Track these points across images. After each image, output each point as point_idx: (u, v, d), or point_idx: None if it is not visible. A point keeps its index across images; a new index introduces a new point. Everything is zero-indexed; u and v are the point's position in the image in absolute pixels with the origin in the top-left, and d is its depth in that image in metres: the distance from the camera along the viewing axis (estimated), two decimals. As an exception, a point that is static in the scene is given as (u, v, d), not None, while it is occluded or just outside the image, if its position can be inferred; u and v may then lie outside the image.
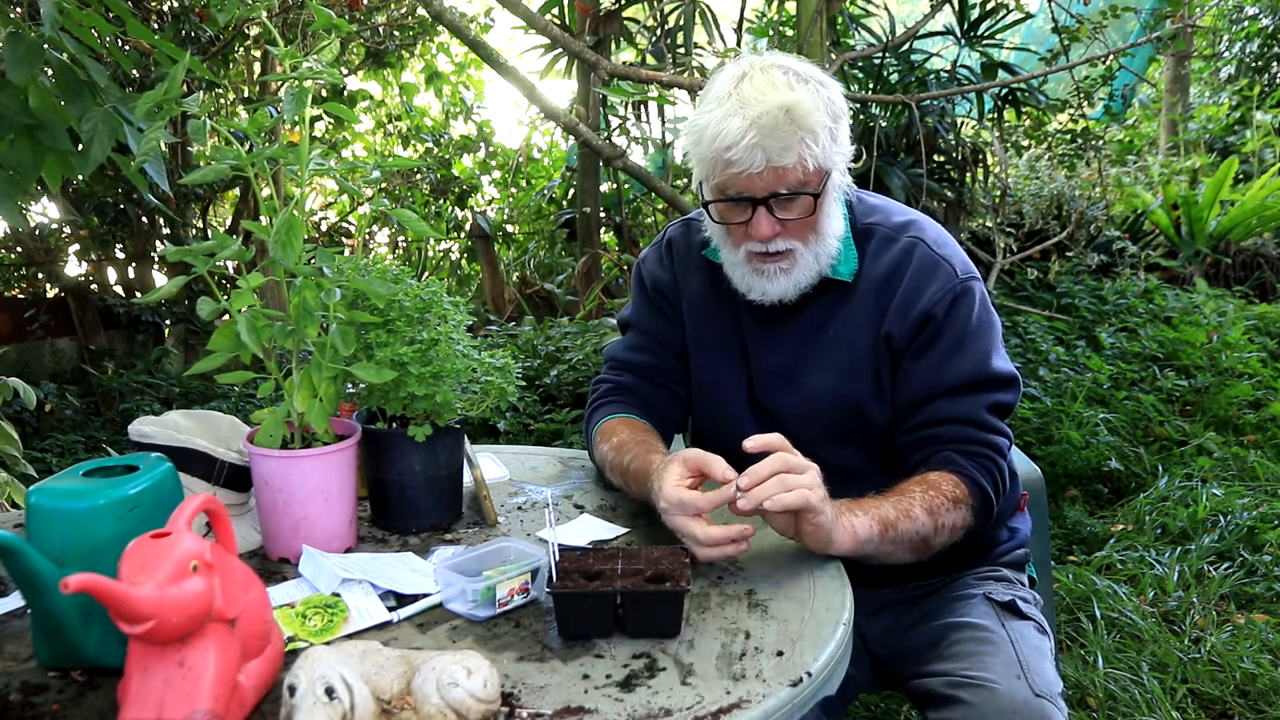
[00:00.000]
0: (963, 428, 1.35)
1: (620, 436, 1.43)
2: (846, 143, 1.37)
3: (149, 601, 0.76)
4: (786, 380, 1.45)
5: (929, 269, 1.39)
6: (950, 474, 1.32)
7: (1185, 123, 8.98)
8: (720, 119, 1.29)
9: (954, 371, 1.37)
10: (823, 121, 1.30)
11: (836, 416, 1.43)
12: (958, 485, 1.31)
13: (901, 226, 1.44)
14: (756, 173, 1.29)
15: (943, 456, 1.34)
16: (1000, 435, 1.37)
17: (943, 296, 1.37)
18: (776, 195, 1.31)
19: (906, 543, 1.25)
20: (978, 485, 1.32)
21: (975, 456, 1.34)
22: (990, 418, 1.37)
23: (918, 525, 1.24)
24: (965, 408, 1.36)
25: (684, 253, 1.55)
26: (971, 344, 1.37)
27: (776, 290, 1.38)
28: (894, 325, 1.38)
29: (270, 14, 2.80)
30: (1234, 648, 2.41)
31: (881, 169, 4.30)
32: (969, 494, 1.31)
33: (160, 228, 5.61)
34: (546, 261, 7.10)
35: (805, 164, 1.29)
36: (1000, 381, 1.38)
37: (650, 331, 1.56)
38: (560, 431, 3.64)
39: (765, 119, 1.26)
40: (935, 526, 1.26)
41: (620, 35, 4.77)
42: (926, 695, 1.30)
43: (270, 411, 1.21)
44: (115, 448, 4.00)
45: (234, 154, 1.17)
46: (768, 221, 1.33)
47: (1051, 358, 4.34)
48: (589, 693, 0.91)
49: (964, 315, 1.38)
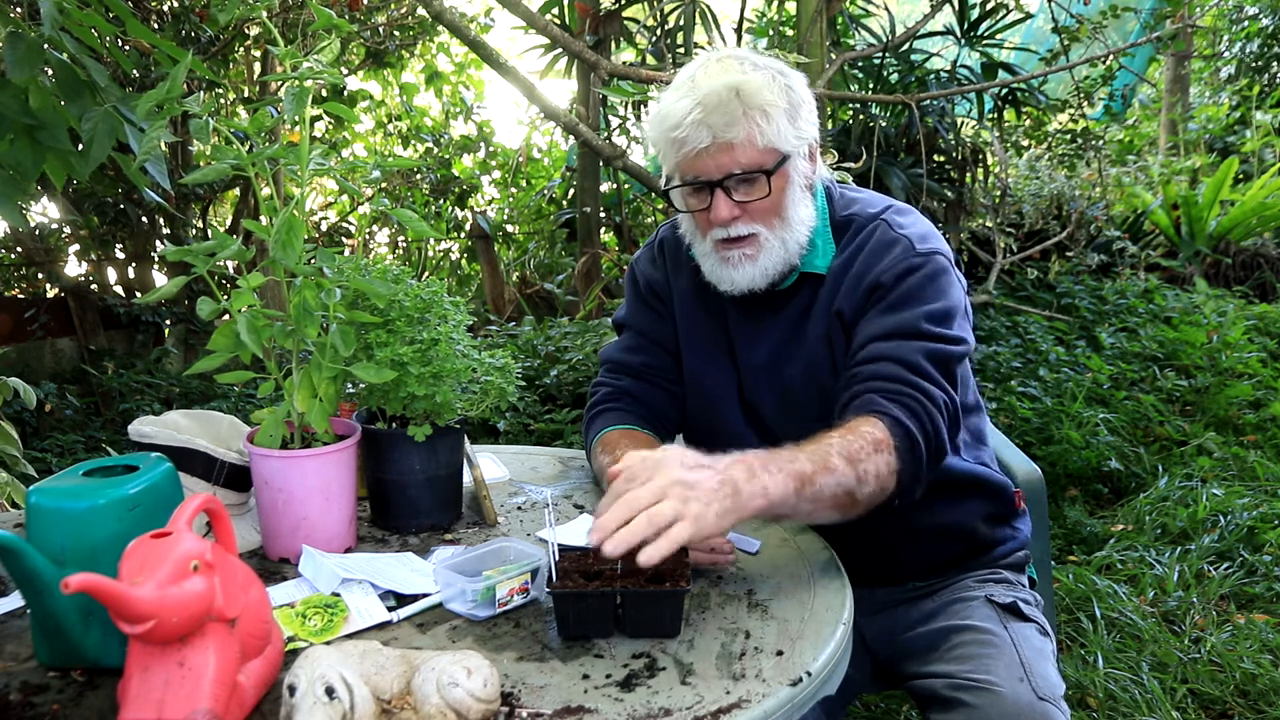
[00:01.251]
0: (889, 366, 1.27)
1: (623, 450, 1.40)
2: (810, 129, 1.37)
3: (149, 601, 0.76)
4: (769, 377, 1.45)
5: (886, 245, 1.37)
6: (869, 415, 1.22)
7: (1185, 123, 8.98)
8: (672, 102, 1.32)
9: (890, 320, 1.31)
10: (774, 102, 1.30)
11: (808, 407, 1.41)
12: (877, 427, 1.20)
13: (875, 214, 1.43)
14: (705, 149, 1.30)
15: (864, 399, 1.25)
16: (935, 385, 1.26)
17: (892, 266, 1.34)
18: (731, 176, 1.32)
19: (828, 498, 1.14)
20: (900, 425, 1.21)
21: (899, 397, 1.24)
22: (924, 363, 1.27)
23: (838, 476, 1.14)
24: (895, 350, 1.28)
25: (675, 252, 1.56)
26: (914, 304, 1.32)
27: (744, 279, 1.37)
28: (845, 301, 1.37)
29: (270, 14, 2.80)
30: (1234, 648, 2.41)
31: (881, 169, 4.30)
32: (890, 435, 1.20)
33: (160, 228, 5.61)
34: (546, 261, 7.10)
35: (755, 142, 1.30)
36: (943, 337, 1.30)
37: (645, 331, 1.57)
38: (560, 431, 3.64)
39: (711, 97, 1.29)
40: (858, 475, 1.15)
41: (620, 35, 4.77)
42: (929, 697, 1.29)
43: (270, 411, 1.21)
44: (115, 448, 4.00)
45: (234, 154, 1.17)
46: (725, 204, 1.33)
47: (1051, 358, 4.34)
48: (589, 693, 0.91)
49: (913, 282, 1.33)
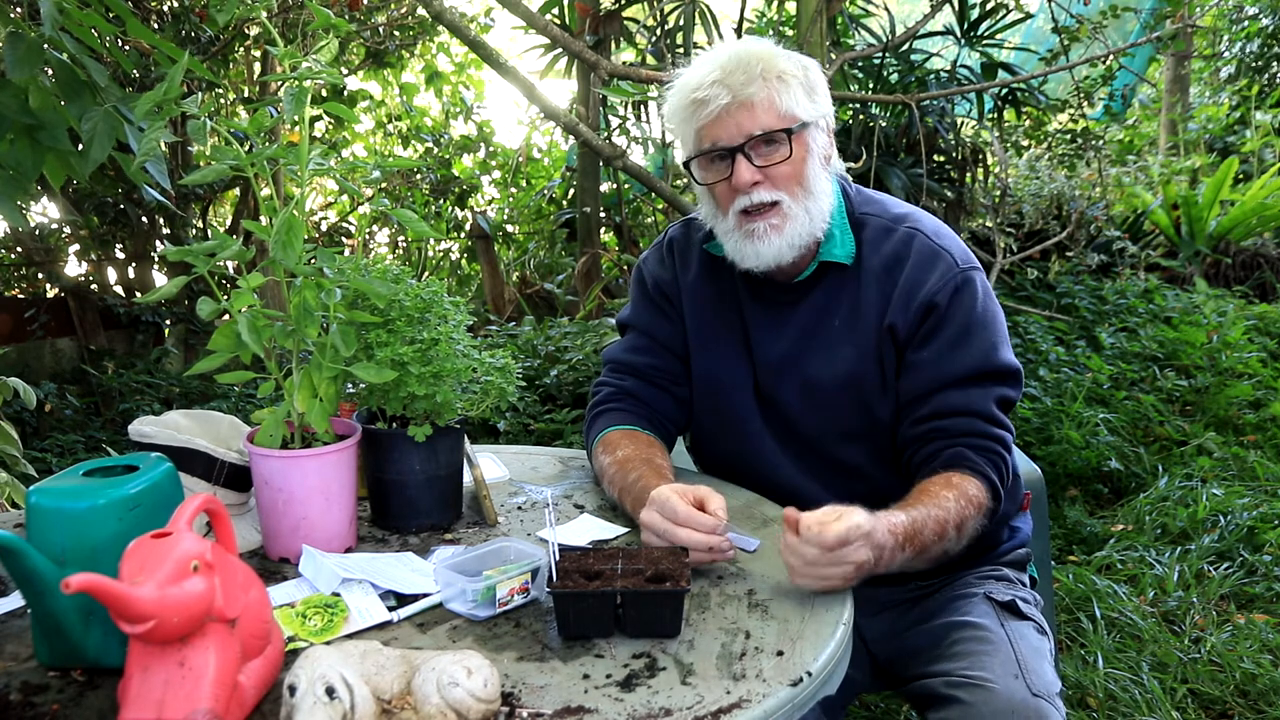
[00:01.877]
0: (971, 420, 1.34)
1: (625, 451, 1.41)
2: (827, 107, 1.39)
3: (149, 601, 0.76)
4: (790, 370, 1.45)
5: (929, 259, 1.39)
6: (969, 476, 1.31)
7: (1185, 123, 8.98)
8: (690, 74, 1.36)
9: (960, 362, 1.36)
10: (793, 73, 1.34)
11: (840, 409, 1.42)
12: (980, 490, 1.30)
13: (899, 218, 1.44)
14: (725, 108, 1.32)
15: (954, 453, 1.33)
16: (1006, 430, 1.37)
17: (943, 286, 1.37)
18: (751, 138, 1.33)
19: (927, 559, 1.25)
20: (992, 485, 1.32)
21: (986, 452, 1.33)
22: (997, 411, 1.36)
23: (946, 543, 1.25)
24: (973, 400, 1.35)
25: (685, 250, 1.56)
26: (977, 334, 1.37)
27: (770, 251, 1.37)
28: (897, 316, 1.38)
29: (270, 14, 2.80)
30: (1234, 648, 2.41)
31: (881, 169, 4.30)
32: (987, 497, 1.31)
33: (160, 228, 5.61)
34: (546, 261, 7.10)
35: (774, 105, 1.32)
36: (1006, 374, 1.37)
37: (650, 332, 1.56)
38: (560, 431, 3.64)
39: (731, 60, 1.33)
40: (959, 539, 1.27)
41: (620, 35, 4.77)
42: (926, 696, 1.29)
43: (270, 411, 1.21)
44: (115, 448, 4.00)
45: (234, 154, 1.17)
46: (747, 168, 1.34)
47: (1051, 358, 4.34)
48: (589, 692, 0.91)
49: (967, 305, 1.37)
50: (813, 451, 1.46)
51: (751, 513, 1.38)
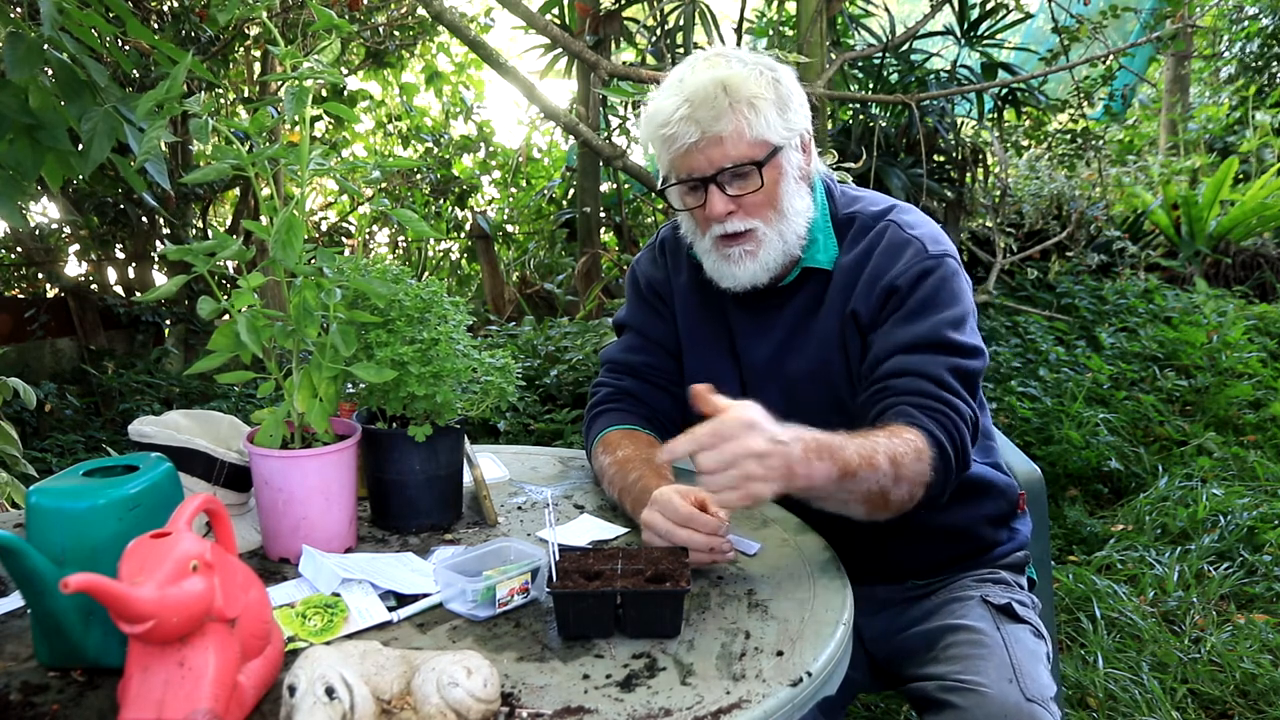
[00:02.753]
0: (919, 381, 1.30)
1: (625, 451, 1.41)
2: (802, 121, 1.37)
3: (149, 601, 0.76)
4: (773, 373, 1.45)
5: (898, 247, 1.38)
6: (909, 426, 1.26)
7: (1185, 123, 8.98)
8: (659, 101, 1.34)
9: (912, 332, 1.33)
10: (762, 94, 1.31)
11: (815, 405, 1.41)
12: (918, 437, 1.24)
13: (879, 214, 1.44)
14: (694, 144, 1.31)
15: (899, 409, 1.28)
16: (962, 400, 1.30)
17: (907, 270, 1.35)
18: (723, 171, 1.32)
19: (863, 493, 1.18)
20: (936, 440, 1.25)
21: (933, 412, 1.27)
22: (950, 379, 1.31)
23: (879, 475, 1.18)
24: (922, 364, 1.31)
25: (675, 252, 1.56)
26: (934, 310, 1.34)
27: (745, 275, 1.38)
28: (860, 303, 1.37)
29: (270, 14, 2.80)
30: (1234, 648, 2.41)
31: (881, 169, 4.30)
32: (929, 448, 1.24)
33: (160, 228, 5.61)
34: (546, 261, 7.10)
35: (744, 135, 1.31)
36: (961, 348, 1.33)
37: (645, 332, 1.57)
38: (560, 431, 3.64)
39: (698, 93, 1.30)
40: (896, 477, 1.19)
41: (620, 35, 4.77)
42: (921, 699, 1.29)
43: (270, 411, 1.21)
44: (115, 448, 4.00)
45: (234, 154, 1.17)
46: (720, 199, 1.34)
47: (1051, 358, 4.34)
48: (589, 693, 0.91)
49: (930, 286, 1.35)
50: None
51: (752, 514, 1.38)
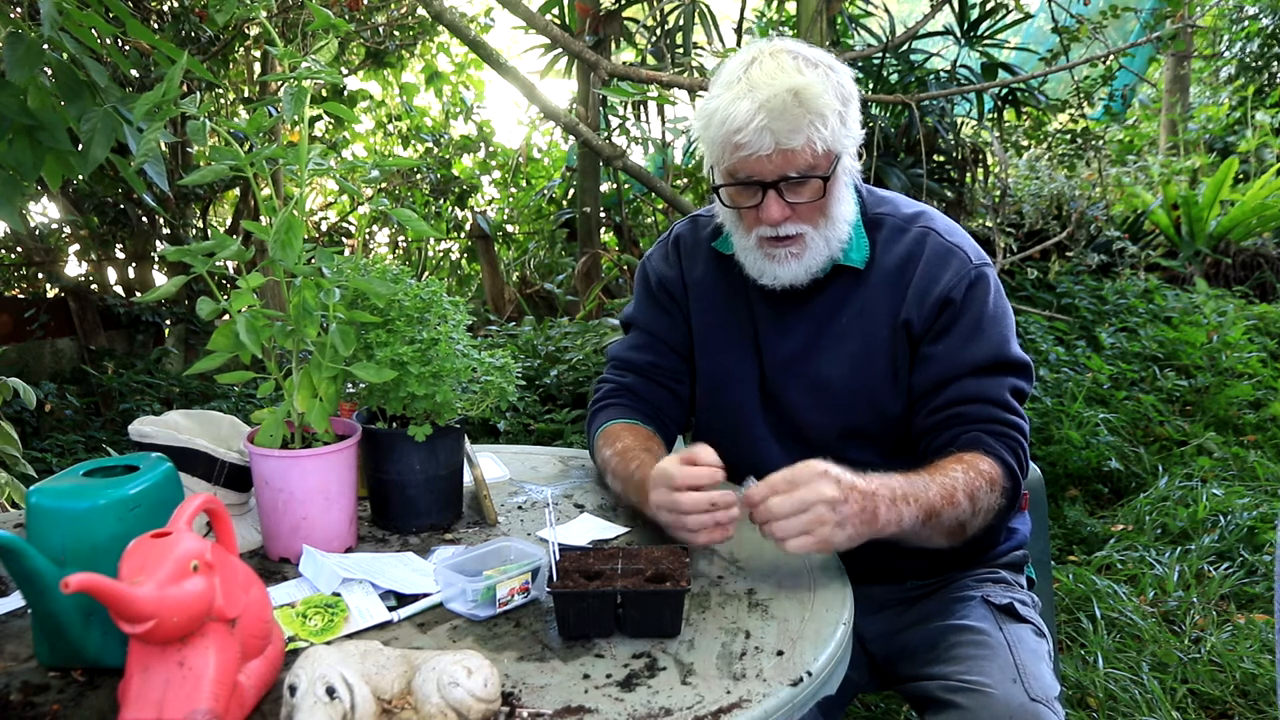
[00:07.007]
0: (987, 407, 1.35)
1: (625, 443, 1.42)
2: (857, 127, 1.38)
3: (149, 601, 0.76)
4: (798, 369, 1.45)
5: (943, 256, 1.40)
6: (982, 454, 1.31)
7: (1185, 123, 8.98)
8: (729, 102, 1.30)
9: (975, 353, 1.37)
10: (831, 105, 1.31)
11: (848, 407, 1.42)
12: (993, 467, 1.30)
13: (911, 217, 1.45)
14: (765, 155, 1.30)
15: (971, 437, 1.33)
16: (1021, 418, 1.37)
17: (958, 281, 1.38)
18: (786, 179, 1.32)
19: (946, 529, 1.24)
20: (1007, 466, 1.31)
21: (1002, 437, 1.33)
22: (1012, 400, 1.36)
23: (958, 511, 1.23)
24: (989, 388, 1.36)
25: (691, 248, 1.56)
26: (991, 327, 1.38)
27: (788, 274, 1.39)
28: (911, 312, 1.39)
29: (270, 14, 2.80)
30: (1234, 648, 2.41)
31: (881, 169, 4.30)
32: (1002, 475, 1.30)
33: (160, 228, 5.61)
34: (546, 261, 7.10)
35: (814, 146, 1.30)
36: (1018, 366, 1.39)
37: (652, 330, 1.56)
38: (560, 431, 3.64)
39: (774, 102, 1.27)
40: (974, 510, 1.25)
41: (620, 35, 4.78)
42: (923, 699, 1.29)
43: (270, 411, 1.21)
44: (115, 448, 4.00)
45: (234, 154, 1.17)
46: (778, 205, 1.33)
47: (1051, 358, 4.34)
48: (589, 692, 0.91)
49: (981, 299, 1.39)
50: (816, 451, 1.46)
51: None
